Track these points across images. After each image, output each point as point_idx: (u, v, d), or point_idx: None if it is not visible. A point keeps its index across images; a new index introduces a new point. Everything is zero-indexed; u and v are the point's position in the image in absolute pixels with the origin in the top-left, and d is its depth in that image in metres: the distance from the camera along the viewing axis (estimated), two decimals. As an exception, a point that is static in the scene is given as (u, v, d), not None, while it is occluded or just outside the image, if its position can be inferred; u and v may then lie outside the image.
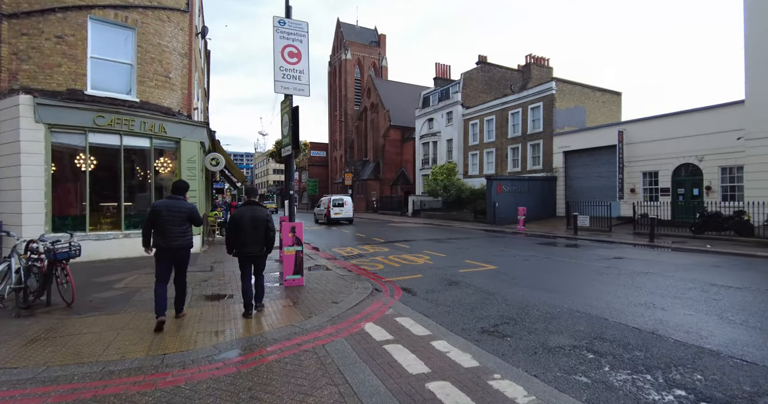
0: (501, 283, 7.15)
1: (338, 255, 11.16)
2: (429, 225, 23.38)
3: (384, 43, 59.42)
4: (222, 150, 16.66)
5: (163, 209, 4.61)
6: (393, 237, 16.22)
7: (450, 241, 14.30)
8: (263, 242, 5.14)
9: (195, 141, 11.40)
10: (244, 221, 5.03)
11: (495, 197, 23.90)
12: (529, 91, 28.95)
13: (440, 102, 37.34)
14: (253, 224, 5.03)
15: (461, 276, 7.86)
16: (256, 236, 5.06)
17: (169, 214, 4.62)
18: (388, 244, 13.55)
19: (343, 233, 18.23)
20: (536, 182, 26.00)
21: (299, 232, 6.92)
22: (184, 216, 4.73)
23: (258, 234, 5.06)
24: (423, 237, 16.09)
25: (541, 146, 27.82)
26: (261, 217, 5.11)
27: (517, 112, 29.78)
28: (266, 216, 5.16)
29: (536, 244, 13.44)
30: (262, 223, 5.08)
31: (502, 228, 20.46)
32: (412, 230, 20.04)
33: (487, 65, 37.68)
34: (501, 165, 30.96)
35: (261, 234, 5.08)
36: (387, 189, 44.88)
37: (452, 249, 12.16)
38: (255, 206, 5.22)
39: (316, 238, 16.11)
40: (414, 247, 12.60)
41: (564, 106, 27.67)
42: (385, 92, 47.87)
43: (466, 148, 34.50)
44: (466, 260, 9.86)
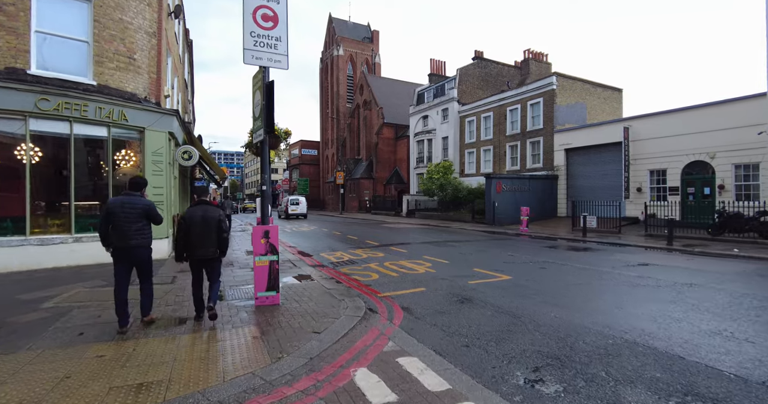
0: (523, 300, 5.84)
1: (326, 262, 9.79)
2: (425, 227, 22.09)
3: (377, 40, 58.07)
4: (198, 144, 15.19)
5: (118, 206, 4.42)
6: (388, 239, 14.88)
7: (451, 245, 13.00)
8: (216, 244, 4.80)
9: (162, 131, 9.95)
10: (195, 222, 4.70)
11: (494, 196, 22.70)
12: (528, 86, 27.83)
13: (435, 98, 36.10)
14: (204, 225, 4.72)
15: (472, 289, 6.54)
16: (208, 238, 4.74)
17: (124, 211, 4.42)
18: (382, 248, 12.21)
19: (333, 235, 16.85)
20: (537, 181, 24.86)
21: (274, 238, 5.55)
22: (140, 213, 4.51)
23: (210, 235, 4.75)
24: (420, 239, 14.78)
25: (542, 144, 26.70)
26: (213, 217, 4.78)
27: (516, 109, 28.63)
28: (219, 216, 4.84)
29: (545, 248, 12.19)
30: (214, 224, 4.76)
31: (504, 230, 19.23)
32: (408, 231, 18.72)
33: (484, 61, 36.54)
34: (499, 163, 29.79)
35: (213, 235, 4.77)
36: (380, 188, 43.54)
37: (455, 254, 10.85)
38: (206, 206, 4.88)
39: (304, 241, 14.73)
40: (412, 252, 11.28)
41: (564, 102, 26.58)
42: (378, 89, 46.53)
43: (462, 145, 33.30)
44: (474, 268, 8.56)
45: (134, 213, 4.46)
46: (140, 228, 4.51)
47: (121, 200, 4.51)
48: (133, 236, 4.43)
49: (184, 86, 19.53)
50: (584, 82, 27.88)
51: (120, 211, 4.40)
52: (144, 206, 4.57)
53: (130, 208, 4.45)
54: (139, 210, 4.51)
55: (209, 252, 4.76)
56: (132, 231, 4.43)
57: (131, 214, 4.44)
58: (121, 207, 4.43)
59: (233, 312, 5.18)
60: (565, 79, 26.80)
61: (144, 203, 4.60)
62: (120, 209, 4.41)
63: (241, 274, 7.92)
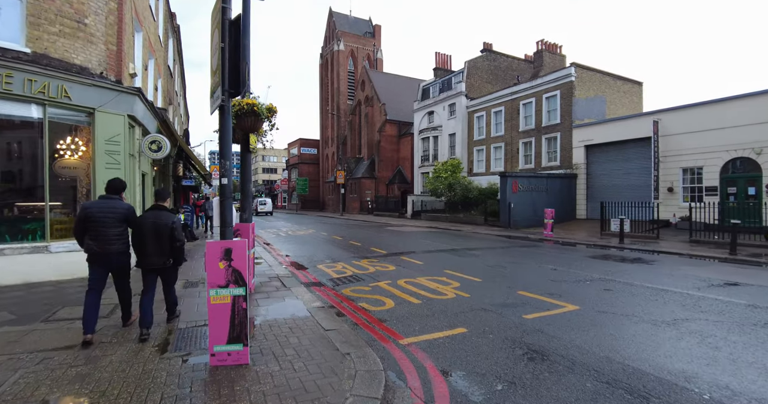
0: (630, 354, 3.83)
1: (325, 278, 7.79)
2: (434, 230, 20.08)
3: (379, 34, 56.08)
4: (180, 138, 13.19)
5: (95, 210, 4.23)
6: (396, 246, 12.87)
7: (472, 254, 10.99)
8: (168, 253, 4.46)
9: (119, 114, 7.94)
10: (146, 228, 4.36)
11: (510, 197, 20.69)
12: (544, 78, 25.84)
13: (441, 93, 34.11)
14: (155, 232, 4.36)
15: (537, 331, 4.52)
16: (160, 246, 4.40)
17: (102, 216, 4.22)
18: (392, 258, 10.20)
19: (333, 241, 14.83)
20: (555, 180, 22.87)
21: (240, 260, 3.51)
22: (119, 217, 4.30)
23: (161, 244, 4.40)
24: (434, 246, 12.76)
25: (559, 140, 24.72)
26: (164, 224, 4.38)
27: (530, 103, 26.64)
28: (171, 224, 4.41)
29: (587, 258, 10.18)
30: (165, 231, 4.38)
31: (523, 234, 17.21)
32: (417, 236, 16.71)
33: (493, 53, 34.58)
34: (511, 161, 27.80)
35: (165, 244, 4.41)
36: (383, 188, 41.53)
37: (483, 267, 8.83)
38: (159, 211, 4.50)
39: (299, 248, 12.72)
40: (429, 264, 9.26)
41: (583, 96, 24.61)
42: (380, 85, 44.55)
43: (470, 143, 31.30)
44: (519, 290, 6.54)
45: (113, 218, 4.26)
46: (120, 233, 4.33)
47: (98, 204, 4.33)
48: (113, 241, 4.25)
49: (167, 74, 17.53)
50: (603, 73, 25.93)
51: (99, 216, 4.20)
52: (124, 210, 4.38)
53: (109, 212, 4.26)
54: (120, 214, 4.32)
55: (160, 262, 4.42)
56: (111, 237, 4.24)
57: (110, 219, 4.24)
58: (100, 211, 4.24)
59: (171, 379, 3.16)
60: (584, 70, 24.83)
61: (124, 207, 4.41)
62: (99, 213, 4.21)
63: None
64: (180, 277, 6.05)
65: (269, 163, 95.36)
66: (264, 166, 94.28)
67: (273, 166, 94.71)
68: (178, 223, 4.48)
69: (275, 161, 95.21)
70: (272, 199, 78.23)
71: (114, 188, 4.47)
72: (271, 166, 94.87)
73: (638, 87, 28.19)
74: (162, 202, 4.61)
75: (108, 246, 4.22)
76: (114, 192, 4.46)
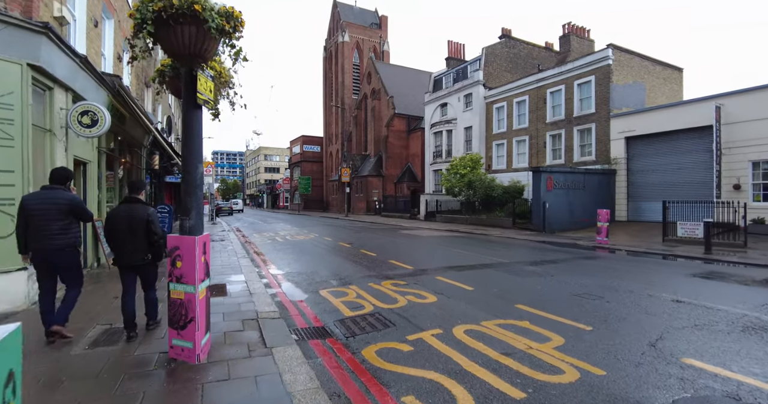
0: None
1: (332, 318, 4.95)
2: (457, 234, 17.21)
3: (386, 26, 53.24)
4: (147, 116, 10.39)
5: (33, 202, 3.85)
6: (422, 258, 10.02)
7: (531, 271, 8.12)
8: (145, 250, 4.10)
9: (14, 61, 5.13)
10: (118, 223, 4.03)
11: (544, 195, 17.79)
12: (575, 62, 22.92)
13: (456, 83, 31.23)
14: (129, 227, 4.00)
15: None
16: (135, 242, 4.04)
17: (42, 208, 3.83)
18: (423, 278, 7.34)
19: (340, 249, 12.00)
20: (593, 176, 19.96)
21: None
22: (62, 209, 3.89)
23: (137, 239, 4.04)
24: (470, 257, 9.88)
25: (593, 131, 21.80)
26: (139, 218, 4.02)
27: (559, 90, 23.73)
28: (147, 217, 4.04)
29: (694, 278, 7.28)
30: (141, 226, 4.02)
31: (567, 239, 14.27)
32: (440, 243, 13.85)
33: (512, 40, 31.68)
34: (537, 156, 24.88)
35: (141, 239, 4.05)
36: (390, 187, 38.70)
37: (568, 297, 5.95)
38: (133, 204, 4.11)
39: (298, 259, 9.90)
40: (483, 290, 6.39)
41: (621, 82, 21.68)
42: (387, 77, 41.72)
43: (489, 136, 28.41)
44: (683, 358, 3.65)
45: (55, 210, 3.86)
46: (64, 226, 3.91)
47: (38, 195, 3.94)
48: (56, 235, 3.84)
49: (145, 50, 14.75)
50: (642, 57, 22.99)
51: (37, 208, 3.82)
52: (67, 201, 3.96)
53: (51, 204, 3.86)
54: (63, 205, 3.91)
55: (136, 259, 4.08)
56: (53, 231, 3.84)
57: (51, 210, 3.85)
58: (40, 203, 3.85)
59: None
60: (622, 53, 21.90)
61: (67, 197, 3.98)
62: (37, 205, 3.83)
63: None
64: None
65: (272, 162, 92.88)
66: (267, 166, 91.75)
67: (275, 166, 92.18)
68: (154, 216, 4.12)
69: (278, 160, 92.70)
70: (274, 198, 75.58)
71: (57, 177, 4.09)
72: (273, 166, 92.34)
73: (678, 73, 25.23)
74: (136, 194, 4.22)
75: (48, 241, 3.82)
76: (58, 182, 4.07)
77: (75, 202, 4.02)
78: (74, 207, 3.98)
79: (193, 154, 3.47)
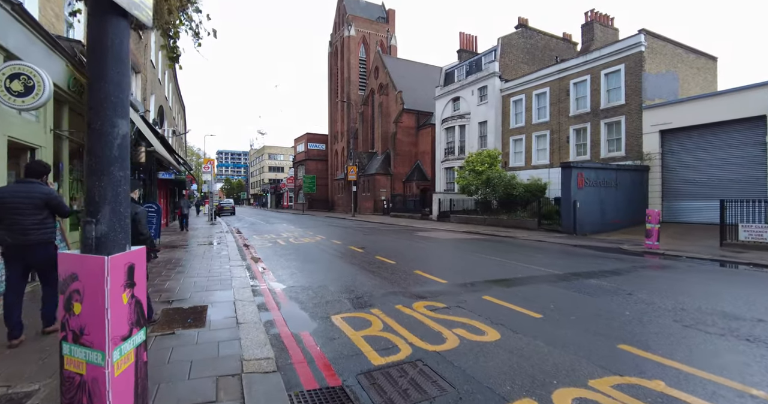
0: None
1: (352, 369, 3.33)
2: (479, 237, 15.50)
3: (393, 20, 51.56)
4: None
5: (6, 195, 3.65)
6: (453, 267, 8.35)
7: (596, 285, 6.43)
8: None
9: None
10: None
11: (575, 194, 16.05)
12: (602, 50, 21.13)
13: (469, 76, 29.50)
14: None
15: None
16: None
17: (15, 202, 3.64)
18: (467, 297, 5.68)
19: (352, 255, 10.35)
20: (625, 173, 18.21)
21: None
22: (37, 203, 3.73)
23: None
24: (515, 269, 8.19)
25: (623, 124, 20.02)
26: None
27: (584, 81, 21.95)
28: (133, 216, 3.76)
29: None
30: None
31: (607, 243, 12.49)
32: (465, 247, 12.17)
33: (529, 30, 29.91)
34: (559, 152, 23.11)
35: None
36: (399, 186, 37.02)
37: (687, 332, 4.26)
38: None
39: (303, 268, 8.27)
40: (555, 317, 4.71)
41: (653, 71, 19.88)
42: (395, 71, 40.04)
43: (506, 131, 26.66)
44: None
45: (30, 204, 3.69)
46: (40, 221, 3.74)
47: (13, 188, 3.77)
48: (30, 230, 3.67)
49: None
50: (675, 44, 21.16)
51: (11, 202, 3.63)
52: (43, 195, 3.78)
53: (24, 197, 3.68)
54: (38, 199, 3.73)
55: None
56: (28, 225, 3.66)
57: (26, 204, 3.67)
58: (13, 196, 3.65)
59: None
60: (655, 39, 20.09)
61: (43, 191, 3.81)
62: (11, 199, 3.64)
63: None
64: None
65: (276, 161, 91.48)
66: (270, 165, 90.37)
67: (279, 165, 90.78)
68: (142, 215, 4.01)
69: (282, 159, 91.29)
70: (278, 198, 74.07)
71: (33, 171, 3.88)
72: (277, 165, 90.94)
73: (713, 63, 23.35)
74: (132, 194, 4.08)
75: (23, 237, 3.65)
76: (33, 175, 3.86)
77: (51, 196, 3.86)
78: (50, 201, 3.82)
79: (108, 100, 1.83)
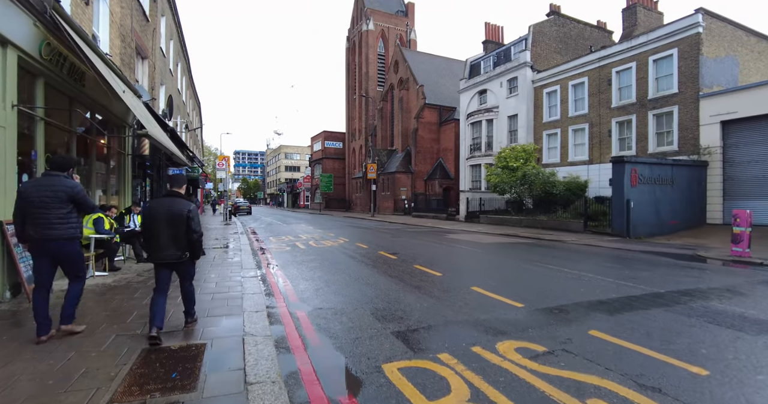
0: None
1: None
2: (522, 241, 13.79)
3: (412, 13, 49.89)
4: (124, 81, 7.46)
5: (31, 189, 3.61)
6: (527, 285, 6.74)
7: (747, 317, 4.76)
8: (183, 246, 3.85)
9: None
10: (157, 218, 3.77)
11: (628, 192, 14.20)
12: (650, 34, 19.09)
13: (497, 67, 27.66)
14: (168, 222, 3.76)
15: None
16: (174, 238, 3.79)
17: (40, 196, 3.58)
18: (575, 338, 4.10)
19: (383, 261, 8.84)
20: (682, 170, 16.22)
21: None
22: (61, 197, 3.65)
23: (176, 235, 3.78)
24: (601, 286, 6.52)
25: (676, 115, 17.97)
26: (179, 213, 3.77)
27: (629, 69, 19.94)
28: (187, 213, 3.80)
29: None
30: (180, 221, 3.77)
31: (676, 249, 10.60)
32: (518, 256, 10.52)
33: (562, 17, 27.90)
34: (599, 147, 21.13)
35: (180, 235, 3.80)
36: (420, 184, 35.39)
37: None
38: (173, 198, 3.89)
39: (330, 281, 6.81)
40: (744, 386, 3.11)
41: (712, 55, 17.76)
42: (416, 66, 38.39)
43: (538, 125, 24.77)
44: None
45: (54, 198, 3.62)
46: (63, 216, 3.66)
47: (36, 183, 3.70)
48: (54, 225, 3.60)
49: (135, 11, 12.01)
50: (735, 26, 18.96)
51: (35, 196, 3.57)
52: (67, 189, 3.69)
53: (48, 191, 3.61)
54: (61, 193, 3.64)
55: (173, 256, 3.82)
56: (51, 220, 3.59)
57: (49, 198, 3.61)
58: (37, 190, 3.60)
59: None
60: (713, 19, 17.98)
61: (67, 185, 3.71)
62: (35, 193, 3.58)
63: None
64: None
65: (292, 160, 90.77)
66: (287, 164, 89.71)
67: (296, 164, 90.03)
68: (195, 212, 3.92)
69: (298, 158, 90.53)
70: (294, 198, 73.21)
71: (57, 164, 3.80)
72: (294, 164, 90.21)
73: (774, 47, 20.98)
74: (177, 189, 4.00)
75: (46, 231, 3.58)
76: (57, 168, 3.78)
77: (76, 190, 3.77)
78: (75, 196, 3.74)
79: None
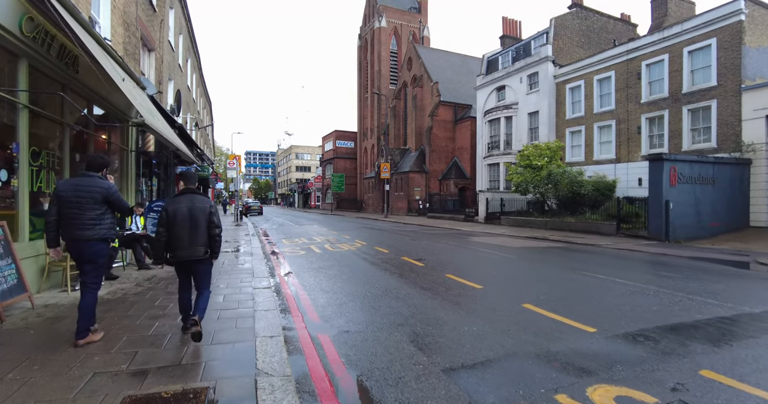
0: None
1: None
2: (552, 244, 12.78)
3: (426, 10, 48.91)
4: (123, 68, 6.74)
5: (68, 189, 3.55)
6: (584, 300, 5.81)
7: None
8: (205, 243, 3.78)
9: None
10: (179, 216, 3.69)
11: (667, 192, 13.11)
12: (684, 24, 17.89)
13: (516, 62, 26.59)
14: (191, 219, 3.71)
15: None
16: (195, 235, 3.72)
17: (76, 196, 3.55)
18: (684, 380, 3.23)
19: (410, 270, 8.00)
20: (723, 168, 15.04)
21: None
22: (96, 197, 3.63)
23: (198, 233, 3.73)
24: (677, 303, 5.53)
25: (714, 110, 16.75)
26: (201, 210, 3.75)
27: (661, 62, 18.75)
28: (209, 209, 3.80)
29: None
30: (203, 218, 3.75)
31: (728, 255, 9.51)
32: (555, 262, 9.55)
33: (585, 10, 26.72)
34: (628, 145, 19.97)
35: (202, 233, 3.75)
36: (434, 184, 34.44)
37: None
38: (194, 195, 3.81)
39: (352, 292, 6.02)
40: None
41: (754, 44, 16.52)
42: (430, 63, 37.45)
43: (561, 122, 23.65)
44: None
45: (89, 198, 3.59)
46: (96, 217, 3.63)
47: (73, 182, 3.64)
48: (86, 226, 3.56)
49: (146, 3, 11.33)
50: (778, 13, 17.62)
51: (71, 196, 3.53)
52: (102, 189, 3.66)
53: (84, 191, 3.58)
54: (96, 193, 3.62)
55: (196, 253, 3.74)
56: (84, 221, 3.56)
57: (84, 199, 3.57)
58: (73, 190, 3.55)
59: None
60: (756, 5, 16.73)
61: (102, 186, 3.69)
62: (71, 193, 3.54)
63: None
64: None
65: (303, 160, 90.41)
66: (298, 164, 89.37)
67: (307, 164, 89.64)
68: (215, 207, 3.90)
69: (309, 159, 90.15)
70: (305, 198, 72.76)
71: (92, 164, 3.79)
72: (304, 164, 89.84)
73: (818, 36, 19.55)
74: (192, 185, 3.91)
75: (80, 232, 3.53)
76: (93, 168, 3.77)
77: (110, 191, 3.73)
78: (109, 197, 3.70)
79: None
